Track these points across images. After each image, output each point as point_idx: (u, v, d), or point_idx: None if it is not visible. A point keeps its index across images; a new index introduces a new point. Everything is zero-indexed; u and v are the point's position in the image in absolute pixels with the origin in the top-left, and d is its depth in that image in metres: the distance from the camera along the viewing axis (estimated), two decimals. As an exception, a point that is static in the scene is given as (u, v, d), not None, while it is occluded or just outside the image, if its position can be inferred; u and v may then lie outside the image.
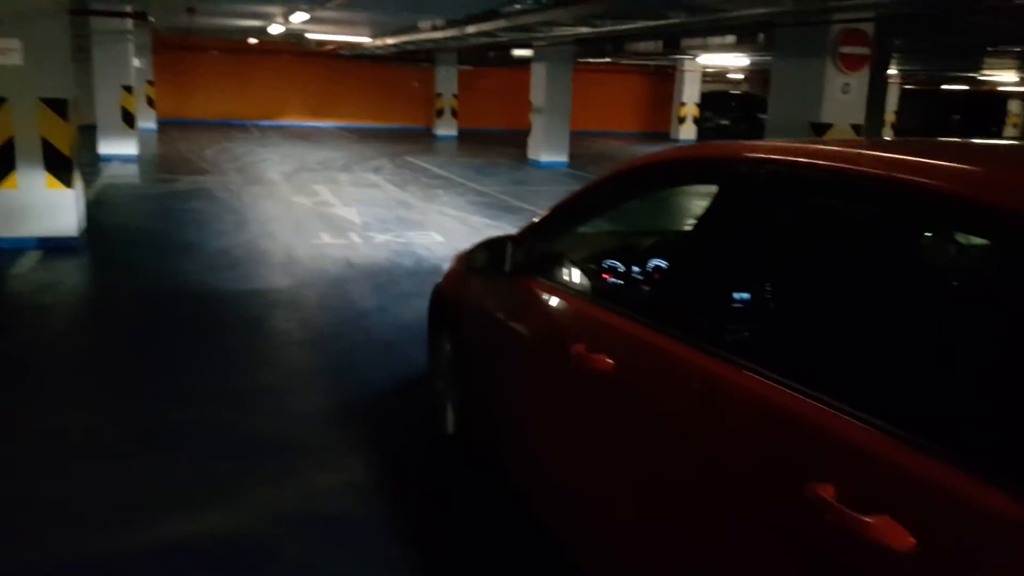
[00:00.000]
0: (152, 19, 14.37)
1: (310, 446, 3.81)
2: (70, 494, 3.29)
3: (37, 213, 7.32)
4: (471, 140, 22.52)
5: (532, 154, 17.07)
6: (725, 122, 28.08)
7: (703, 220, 2.18)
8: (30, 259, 6.99)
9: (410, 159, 16.96)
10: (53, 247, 7.30)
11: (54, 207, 7.36)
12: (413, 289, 6.57)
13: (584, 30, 11.41)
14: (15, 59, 6.92)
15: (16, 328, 5.50)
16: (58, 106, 7.16)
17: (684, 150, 2.40)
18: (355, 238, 8.57)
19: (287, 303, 6.17)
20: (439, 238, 8.76)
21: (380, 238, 8.62)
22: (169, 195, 11.06)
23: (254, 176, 13.25)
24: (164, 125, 21.17)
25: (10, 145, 7.10)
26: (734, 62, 20.11)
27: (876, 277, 1.75)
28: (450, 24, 12.79)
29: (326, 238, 8.53)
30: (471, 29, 12.12)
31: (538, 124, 16.85)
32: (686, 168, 2.46)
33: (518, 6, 8.83)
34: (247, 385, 4.52)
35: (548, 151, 16.67)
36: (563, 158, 16.77)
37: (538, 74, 16.73)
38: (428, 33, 13.84)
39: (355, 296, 6.39)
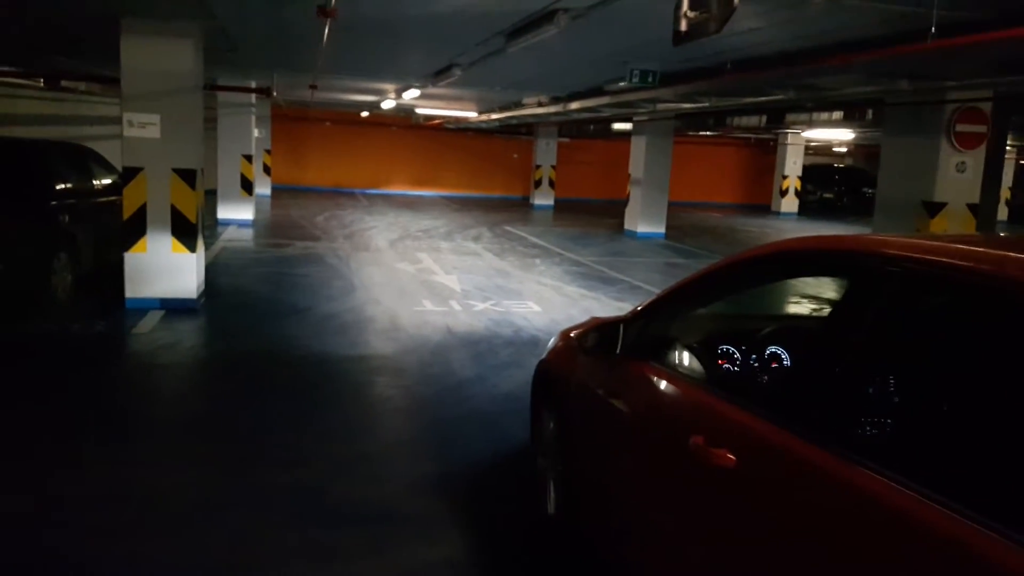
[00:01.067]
0: (276, 94, 15.29)
1: (409, 517, 3.83)
2: (177, 555, 3.40)
3: (161, 276, 7.78)
4: (567, 210, 22.77)
5: (629, 224, 17.12)
6: (828, 195, 27.52)
7: (835, 316, 2.11)
8: (152, 319, 7.40)
9: (508, 228, 17.25)
10: (174, 308, 7.72)
11: (177, 270, 7.81)
12: (511, 359, 6.62)
13: (687, 106, 11.48)
14: (154, 132, 7.49)
15: (134, 387, 5.79)
16: (188, 176, 7.66)
17: (809, 241, 2.33)
18: (455, 306, 8.72)
19: (390, 370, 6.30)
20: (536, 308, 8.82)
21: (479, 306, 8.74)
22: (281, 260, 11.56)
23: (361, 243, 13.73)
24: (277, 191, 22.28)
25: (143, 212, 7.62)
26: (839, 136, 19.76)
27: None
28: (554, 100, 13.10)
29: (428, 305, 8.71)
30: (575, 105, 12.37)
31: (636, 195, 16.93)
32: (815, 260, 2.39)
33: (622, 84, 8.97)
34: (349, 452, 4.61)
35: (645, 222, 16.70)
36: (660, 229, 16.75)
37: (637, 146, 16.89)
38: (532, 109, 14.20)
39: (455, 365, 6.47)
